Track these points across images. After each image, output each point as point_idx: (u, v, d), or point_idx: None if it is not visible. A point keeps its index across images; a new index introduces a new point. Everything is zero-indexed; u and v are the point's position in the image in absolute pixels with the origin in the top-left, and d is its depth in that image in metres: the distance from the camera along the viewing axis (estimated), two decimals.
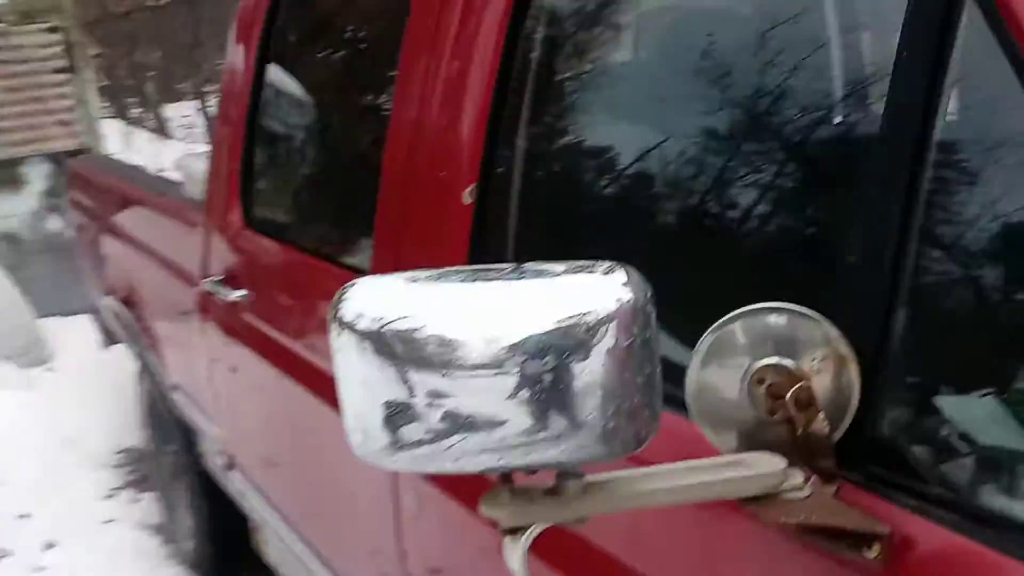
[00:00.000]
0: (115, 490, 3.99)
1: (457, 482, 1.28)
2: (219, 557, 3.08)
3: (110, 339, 4.26)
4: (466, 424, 0.72)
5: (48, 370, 4.97)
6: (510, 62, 1.38)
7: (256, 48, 2.20)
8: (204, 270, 2.37)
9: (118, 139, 9.36)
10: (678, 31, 1.41)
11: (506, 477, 0.80)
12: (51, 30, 5.78)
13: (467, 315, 0.71)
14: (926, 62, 0.81)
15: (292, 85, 2.22)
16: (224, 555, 3.05)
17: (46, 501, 3.85)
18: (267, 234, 2.15)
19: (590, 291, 0.72)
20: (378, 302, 0.73)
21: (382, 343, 0.71)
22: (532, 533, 0.80)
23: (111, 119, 9.58)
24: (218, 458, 2.56)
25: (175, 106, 13.18)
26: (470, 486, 0.97)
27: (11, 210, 5.85)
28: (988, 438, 0.81)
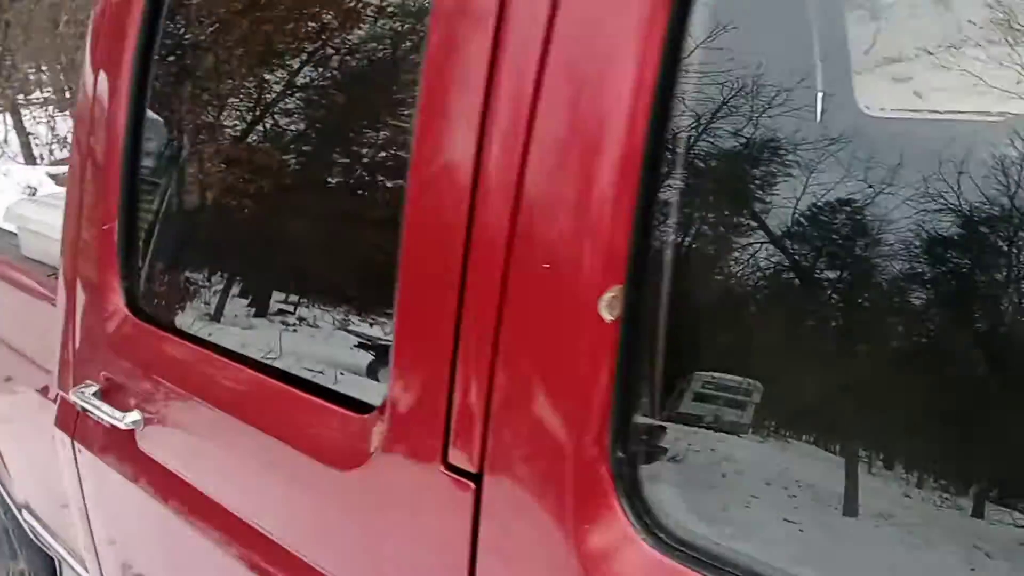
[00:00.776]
0: None
1: None
2: None
3: None
4: None
5: None
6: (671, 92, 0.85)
7: (131, 66, 1.56)
8: (67, 370, 1.69)
9: None
10: None
11: None
12: None
13: None
14: None
15: (205, 111, 1.59)
16: None
17: None
18: (171, 329, 1.51)
19: None
20: None
21: None
22: None
23: None
24: None
25: None
26: None
27: None
28: None
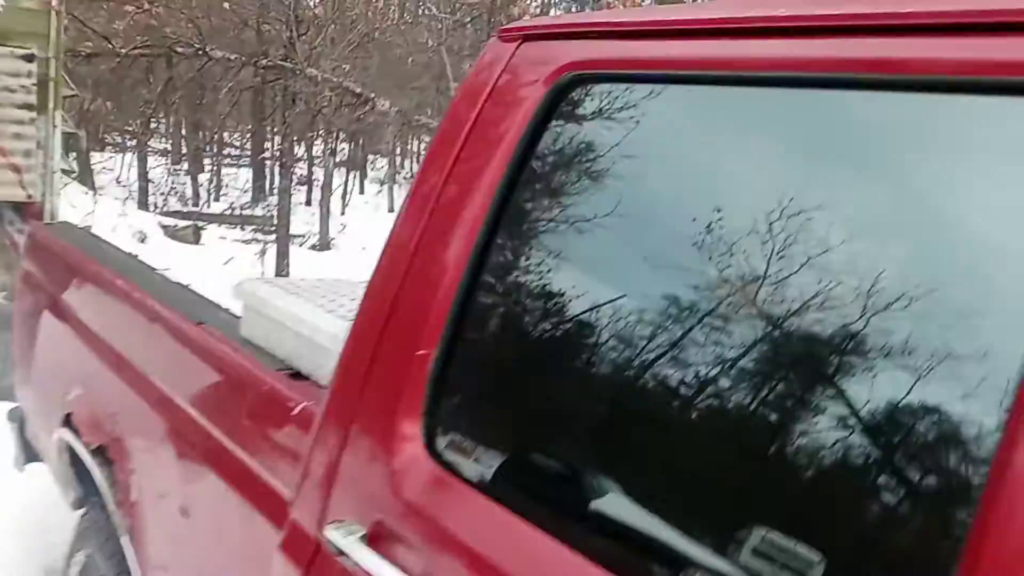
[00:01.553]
0: None
1: None
2: None
3: (27, 457, 3.25)
4: None
5: None
6: None
7: (507, 162, 1.25)
8: (313, 497, 1.40)
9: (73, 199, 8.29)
10: None
11: None
12: (26, 59, 4.83)
13: None
14: None
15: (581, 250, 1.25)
16: None
17: None
18: (485, 489, 1.19)
19: None
20: None
21: None
22: None
23: (67, 173, 8.37)
24: None
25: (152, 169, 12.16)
26: None
27: None
28: None
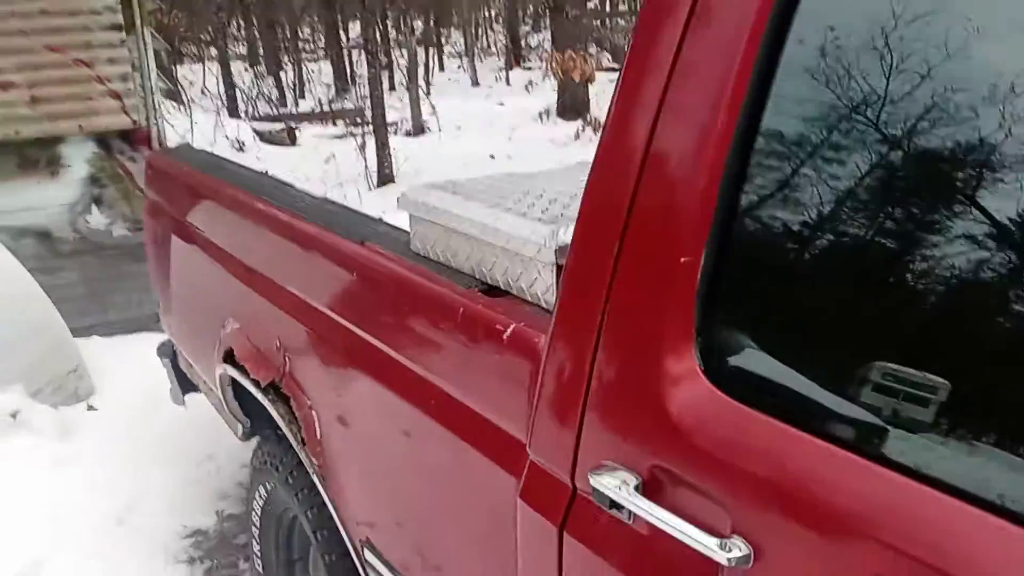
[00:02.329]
0: None
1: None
2: None
3: (186, 389, 3.22)
4: None
5: (90, 409, 3.90)
6: None
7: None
8: (554, 443, 1.28)
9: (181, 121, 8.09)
10: None
11: None
12: None
13: None
14: None
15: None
16: None
17: None
18: (796, 421, 1.01)
19: None
20: None
21: None
22: None
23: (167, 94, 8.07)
24: None
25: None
26: None
27: (44, 200, 4.68)
28: None
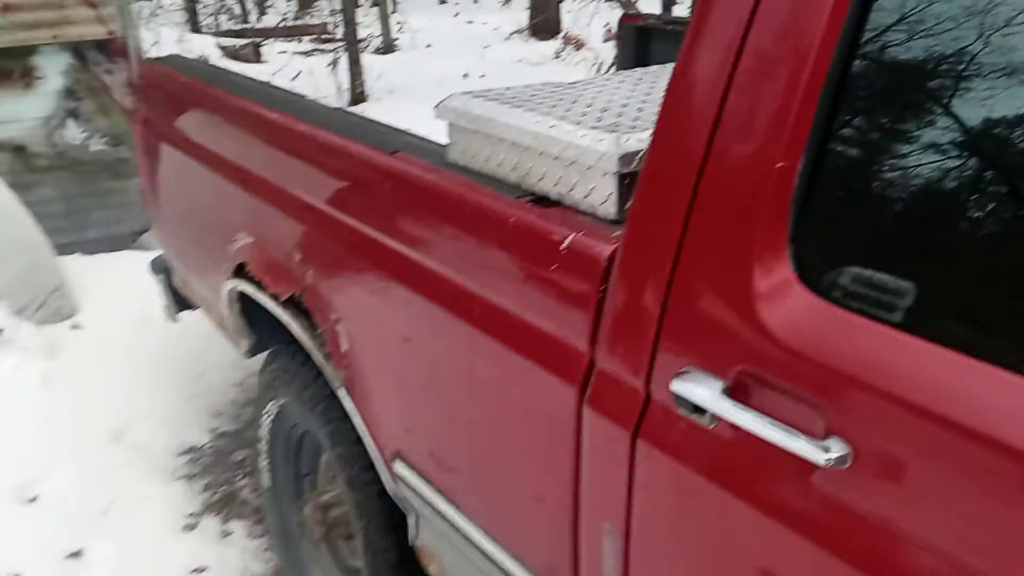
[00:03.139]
0: (193, 516, 2.95)
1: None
2: None
3: (180, 307, 3.18)
4: None
5: (74, 328, 3.85)
6: None
7: None
8: (627, 351, 1.25)
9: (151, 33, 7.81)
10: None
11: None
12: None
13: None
14: None
15: None
16: None
17: (101, 531, 2.81)
18: (894, 322, 0.98)
19: None
20: None
21: None
22: None
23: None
24: None
25: None
26: None
27: (18, 113, 4.52)
28: None
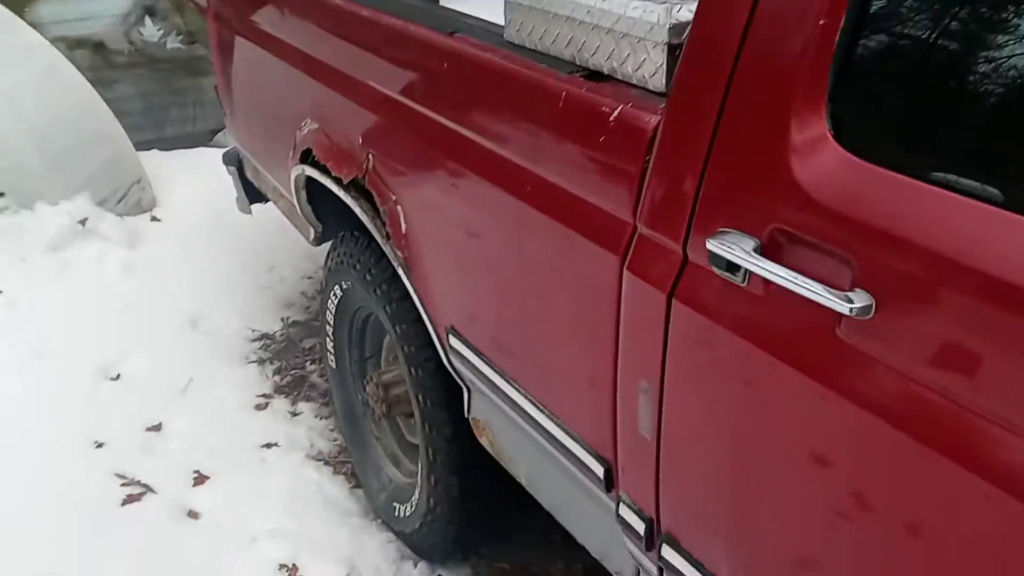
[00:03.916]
0: (264, 397, 3.11)
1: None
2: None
3: (252, 199, 3.29)
4: None
5: (153, 220, 4.01)
6: None
7: None
8: (666, 214, 1.30)
9: None
10: None
11: None
12: None
13: None
14: None
15: None
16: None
17: (179, 407, 2.98)
18: (925, 178, 1.00)
19: None
20: None
21: None
22: None
23: None
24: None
25: None
26: None
27: (96, 10, 4.64)
28: None
